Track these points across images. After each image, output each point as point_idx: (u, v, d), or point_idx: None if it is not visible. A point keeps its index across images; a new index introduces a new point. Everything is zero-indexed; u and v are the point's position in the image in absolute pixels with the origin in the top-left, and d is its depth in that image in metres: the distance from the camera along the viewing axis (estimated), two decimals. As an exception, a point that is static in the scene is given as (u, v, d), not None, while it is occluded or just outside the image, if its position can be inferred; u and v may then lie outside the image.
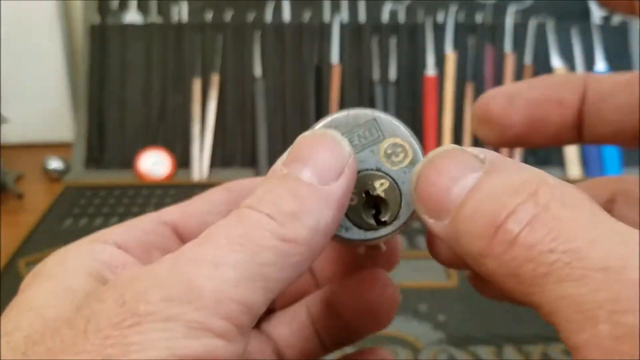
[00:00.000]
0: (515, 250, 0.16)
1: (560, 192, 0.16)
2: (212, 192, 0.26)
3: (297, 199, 0.19)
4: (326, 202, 0.19)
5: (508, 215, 0.16)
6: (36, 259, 0.70)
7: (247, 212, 0.19)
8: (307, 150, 0.20)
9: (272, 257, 0.18)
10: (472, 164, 0.18)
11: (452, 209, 0.18)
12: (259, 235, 0.18)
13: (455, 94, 0.96)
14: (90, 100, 0.97)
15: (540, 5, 1.00)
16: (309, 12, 0.99)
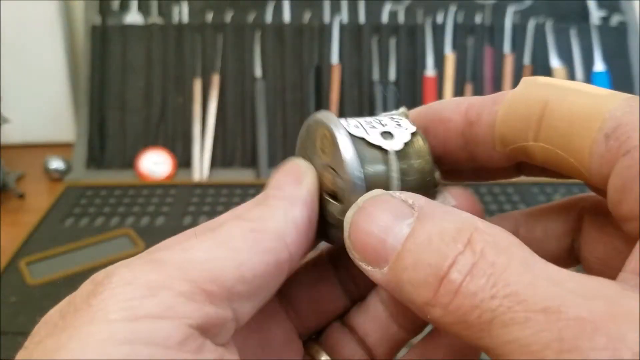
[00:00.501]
0: (460, 299, 0.17)
1: (491, 238, 0.17)
2: None
3: (263, 205, 0.21)
4: (290, 202, 0.21)
5: (450, 266, 0.17)
6: (37, 259, 0.70)
7: (219, 219, 0.21)
8: (271, 180, 0.23)
9: (242, 243, 0.19)
10: (402, 211, 0.19)
11: (390, 257, 0.18)
12: (230, 230, 0.20)
13: (455, 94, 0.97)
14: (91, 101, 0.97)
15: (539, 6, 1.00)
16: (309, 12, 0.99)
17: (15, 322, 0.59)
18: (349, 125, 0.22)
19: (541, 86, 0.21)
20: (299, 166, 0.23)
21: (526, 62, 0.98)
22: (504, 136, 0.21)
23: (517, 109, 0.21)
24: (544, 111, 0.20)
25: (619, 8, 1.01)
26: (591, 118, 0.19)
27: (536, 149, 0.20)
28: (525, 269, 0.16)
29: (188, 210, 0.81)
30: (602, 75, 0.97)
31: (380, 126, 0.23)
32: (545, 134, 0.20)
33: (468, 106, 0.23)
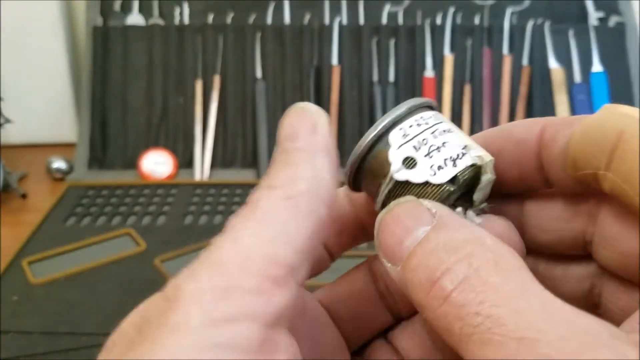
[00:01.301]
0: (447, 306, 0.17)
1: (494, 257, 0.18)
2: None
3: (288, 164, 0.21)
4: (313, 154, 0.21)
5: (443, 273, 0.18)
6: (39, 258, 0.70)
7: (254, 196, 0.21)
8: (282, 128, 0.22)
9: (284, 215, 0.19)
10: (424, 218, 0.20)
11: (404, 257, 0.20)
12: (266, 205, 0.20)
13: (454, 95, 0.97)
14: (93, 101, 0.98)
15: (537, 8, 1.00)
16: (309, 14, 0.99)
17: (17, 321, 0.60)
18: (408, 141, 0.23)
19: (621, 115, 0.20)
20: (309, 111, 0.23)
21: (524, 63, 0.98)
22: (576, 160, 0.21)
23: (592, 135, 0.21)
24: (618, 142, 0.20)
25: (617, 9, 1.01)
26: None
27: (605, 178, 0.20)
28: (517, 294, 0.17)
29: (189, 210, 0.81)
30: (600, 76, 0.98)
31: (436, 150, 0.23)
32: (615, 165, 0.20)
33: (543, 127, 0.23)
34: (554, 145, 0.22)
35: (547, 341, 0.15)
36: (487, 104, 0.97)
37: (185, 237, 0.74)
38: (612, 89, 0.98)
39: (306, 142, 0.21)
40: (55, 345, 0.57)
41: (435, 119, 0.23)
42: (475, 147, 0.23)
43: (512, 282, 0.17)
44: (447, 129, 0.23)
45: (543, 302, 0.16)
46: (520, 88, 0.97)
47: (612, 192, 0.20)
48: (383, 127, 0.24)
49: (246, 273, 0.18)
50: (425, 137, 0.23)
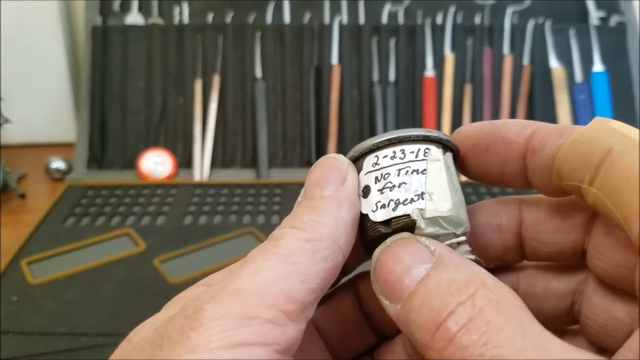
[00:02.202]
0: (453, 348, 0.18)
1: (495, 297, 0.18)
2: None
3: (313, 210, 0.22)
4: (338, 204, 0.22)
5: (448, 315, 0.18)
6: (38, 258, 0.70)
7: (277, 233, 0.22)
8: (313, 174, 0.24)
9: (303, 255, 0.21)
10: (423, 255, 0.21)
11: (404, 296, 0.20)
12: (287, 244, 0.21)
13: (454, 95, 0.97)
14: (92, 101, 0.98)
15: (538, 7, 1.00)
16: (309, 13, 0.99)
17: (17, 321, 0.60)
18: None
19: (611, 131, 0.21)
20: (340, 163, 0.24)
21: (525, 62, 0.98)
22: (561, 171, 0.22)
23: (580, 148, 0.21)
24: (605, 158, 0.20)
25: (617, 9, 1.01)
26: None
27: (588, 192, 0.21)
28: (518, 334, 0.17)
29: (188, 210, 0.81)
30: (601, 76, 0.98)
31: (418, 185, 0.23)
32: (600, 181, 0.20)
33: (533, 132, 0.23)
34: (541, 152, 0.23)
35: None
36: (487, 104, 0.97)
37: (185, 237, 0.74)
38: (612, 89, 0.98)
39: (334, 192, 0.23)
40: (55, 345, 0.57)
41: (416, 156, 0.23)
42: (439, 199, 0.22)
43: (513, 322, 0.18)
44: (421, 170, 0.23)
45: (543, 341, 0.17)
46: (521, 87, 0.97)
47: (595, 206, 0.21)
48: (360, 150, 0.24)
49: (264, 305, 0.19)
50: (389, 172, 0.23)
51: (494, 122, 0.25)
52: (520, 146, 0.23)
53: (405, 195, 0.22)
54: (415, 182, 0.23)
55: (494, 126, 0.24)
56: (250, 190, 0.87)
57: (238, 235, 0.75)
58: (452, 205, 0.22)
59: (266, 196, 0.85)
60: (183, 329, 0.19)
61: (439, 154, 0.24)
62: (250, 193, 0.86)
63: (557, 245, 0.24)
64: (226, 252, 0.72)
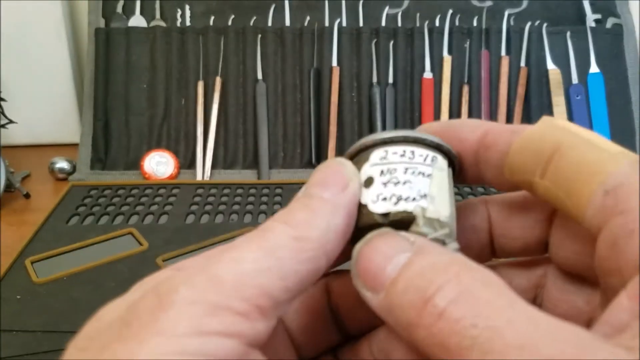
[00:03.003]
0: (442, 322, 0.18)
1: (480, 275, 0.19)
2: None
3: (308, 209, 0.22)
4: (334, 209, 0.22)
5: (436, 291, 0.19)
6: (42, 257, 0.71)
7: (267, 224, 0.22)
8: (316, 175, 0.24)
9: (287, 252, 0.21)
10: (403, 245, 0.21)
11: (386, 284, 0.20)
12: (275, 238, 0.21)
13: (452, 96, 0.98)
14: (95, 102, 0.99)
15: (535, 10, 1.01)
16: (309, 16, 1.00)
17: (21, 320, 0.60)
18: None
19: (558, 129, 0.22)
20: (346, 169, 0.24)
21: (522, 64, 0.99)
22: (513, 167, 0.23)
23: (530, 145, 0.22)
24: (554, 153, 0.21)
25: (614, 11, 1.02)
26: (595, 172, 0.20)
27: (539, 185, 0.22)
28: (507, 307, 0.18)
29: (191, 210, 0.82)
30: (597, 77, 0.98)
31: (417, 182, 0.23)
32: (551, 174, 0.21)
33: (486, 130, 0.24)
34: (493, 148, 0.24)
35: (546, 345, 0.16)
36: (485, 105, 0.98)
37: (187, 237, 0.75)
38: (608, 90, 0.98)
39: (333, 195, 0.23)
40: (58, 343, 0.56)
41: (424, 160, 0.24)
42: (440, 204, 0.23)
43: (501, 296, 0.18)
44: (427, 174, 0.23)
45: (531, 313, 0.18)
46: (518, 89, 0.98)
47: (546, 198, 0.22)
48: (372, 141, 0.25)
49: (239, 296, 0.19)
50: (395, 168, 0.24)
51: (452, 120, 0.26)
52: (473, 143, 0.25)
53: (408, 192, 0.23)
54: (420, 183, 0.23)
55: (451, 125, 0.26)
56: (251, 190, 0.88)
57: (239, 234, 0.74)
58: (450, 214, 0.23)
59: (267, 196, 0.86)
60: (154, 309, 0.19)
61: (444, 165, 0.24)
62: (251, 193, 0.87)
63: (523, 240, 0.26)
64: (227, 251, 0.72)
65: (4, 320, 0.59)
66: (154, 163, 0.94)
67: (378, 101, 0.97)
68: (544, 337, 0.17)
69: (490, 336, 0.17)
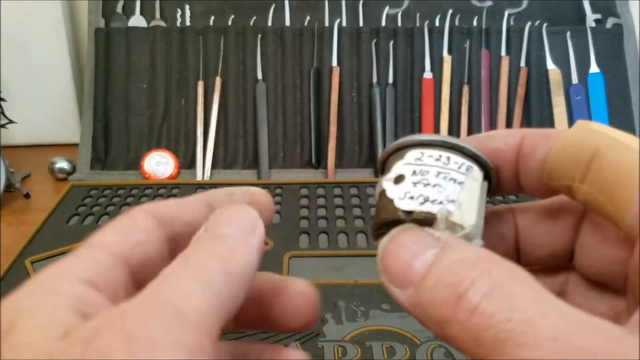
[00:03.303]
0: (477, 317, 0.18)
1: (509, 269, 0.19)
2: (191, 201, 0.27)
3: (226, 246, 0.22)
4: (250, 249, 0.22)
5: (468, 287, 0.19)
6: (42, 257, 0.71)
7: (197, 254, 0.21)
8: (224, 214, 0.23)
9: (220, 287, 0.20)
10: (429, 242, 0.21)
11: (415, 280, 0.21)
12: (209, 270, 0.20)
13: (452, 96, 0.98)
14: (95, 103, 0.99)
15: (535, 10, 1.01)
16: (309, 16, 1.00)
17: None
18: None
19: (594, 132, 0.22)
20: (251, 215, 0.23)
21: (522, 64, 0.99)
22: (552, 172, 0.23)
23: (568, 150, 0.22)
24: (593, 157, 0.21)
25: (614, 11, 1.02)
26: (635, 175, 0.20)
27: (580, 189, 0.22)
28: (538, 300, 0.18)
29: (190, 210, 0.82)
30: (597, 77, 0.99)
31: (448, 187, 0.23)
32: (591, 178, 0.22)
33: (522, 139, 0.24)
34: (532, 156, 0.24)
35: (577, 336, 0.17)
36: (485, 105, 0.98)
37: (187, 237, 0.74)
38: (608, 90, 0.99)
39: (247, 237, 0.22)
40: None
41: (458, 168, 0.24)
42: (466, 212, 0.23)
43: (531, 290, 0.19)
44: (459, 181, 0.24)
45: (562, 306, 0.18)
46: (518, 89, 0.98)
47: (586, 202, 0.22)
48: (410, 141, 0.25)
49: (202, 332, 0.19)
50: (428, 170, 0.24)
51: (486, 132, 0.26)
52: (510, 153, 0.25)
53: (436, 195, 0.23)
54: (450, 188, 0.23)
55: (480, 140, 0.26)
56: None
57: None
58: (475, 224, 0.23)
59: (266, 196, 0.86)
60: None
61: (479, 176, 0.24)
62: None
63: (550, 248, 0.26)
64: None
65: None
66: (154, 163, 0.94)
67: (378, 101, 0.97)
68: (575, 329, 0.17)
69: (524, 329, 0.17)
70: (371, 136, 0.97)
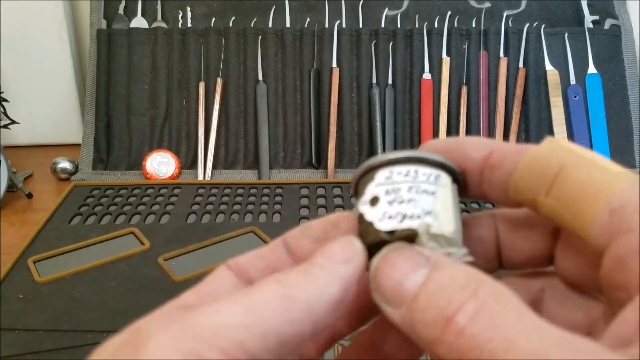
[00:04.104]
0: (463, 338, 0.19)
1: (494, 290, 0.20)
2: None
3: (305, 273, 0.22)
4: (332, 278, 0.22)
5: (456, 310, 0.20)
6: (45, 257, 0.71)
7: (261, 281, 0.22)
8: (324, 247, 0.23)
9: (272, 311, 0.20)
10: (419, 261, 0.22)
11: (406, 299, 0.21)
12: (263, 294, 0.21)
13: (451, 97, 0.99)
14: (97, 103, 0.99)
15: (533, 11, 1.02)
16: (309, 17, 1.01)
17: (23, 319, 0.60)
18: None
19: (562, 149, 0.23)
20: (353, 245, 0.23)
21: (520, 65, 0.99)
22: (518, 186, 0.24)
23: (536, 165, 0.23)
24: (559, 173, 0.22)
25: (611, 12, 1.02)
26: (600, 191, 0.21)
27: (544, 204, 0.23)
28: (520, 319, 0.19)
29: (192, 210, 0.82)
30: (595, 78, 0.99)
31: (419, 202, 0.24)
32: (555, 193, 0.22)
33: (493, 150, 0.25)
34: (500, 167, 0.25)
35: (557, 354, 0.17)
36: (483, 106, 0.98)
37: (188, 236, 0.75)
38: (606, 91, 0.99)
39: (333, 266, 0.22)
40: (60, 342, 0.57)
41: (427, 179, 0.25)
42: (444, 220, 0.24)
43: (514, 310, 0.19)
44: (431, 191, 0.24)
45: (541, 325, 0.19)
46: (516, 90, 0.99)
47: (550, 216, 0.23)
48: (378, 162, 0.25)
49: (213, 346, 0.19)
50: (400, 187, 0.24)
51: (457, 138, 0.27)
52: (478, 162, 0.25)
53: (413, 210, 0.23)
54: (424, 201, 0.24)
55: (457, 142, 0.26)
56: (252, 190, 0.88)
57: (240, 234, 0.76)
58: (455, 229, 0.24)
59: (267, 196, 0.87)
60: (129, 355, 0.19)
61: (448, 182, 0.25)
62: (252, 193, 0.87)
63: (529, 252, 0.26)
64: (229, 250, 0.73)
65: (6, 319, 0.60)
66: (156, 163, 0.95)
67: (377, 102, 0.98)
68: (554, 346, 0.18)
69: (505, 347, 0.18)
70: (371, 137, 0.97)
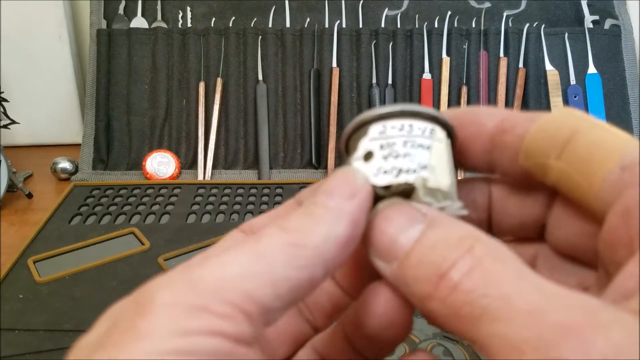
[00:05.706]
0: (457, 294, 0.19)
1: (490, 247, 0.20)
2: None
3: (309, 216, 0.21)
4: (338, 217, 0.21)
5: (450, 266, 0.19)
6: (45, 257, 0.71)
7: (264, 229, 0.21)
8: (324, 183, 0.23)
9: (280, 258, 0.20)
10: (415, 217, 0.22)
11: (399, 255, 0.21)
12: (269, 243, 0.20)
13: (451, 97, 0.99)
14: (97, 103, 0.99)
15: (533, 11, 1.02)
16: (309, 17, 1.01)
17: (23, 319, 0.60)
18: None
19: (575, 116, 0.23)
20: (355, 177, 0.23)
21: (520, 65, 0.99)
22: (530, 149, 0.23)
23: (548, 128, 0.23)
24: (572, 136, 0.22)
25: (611, 13, 1.02)
26: (612, 151, 0.21)
27: (554, 167, 0.23)
28: (517, 277, 0.19)
29: (192, 210, 0.82)
30: (595, 78, 0.99)
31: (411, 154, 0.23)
32: (567, 155, 0.22)
33: (505, 116, 0.25)
34: (512, 132, 0.24)
35: (554, 311, 0.17)
36: (483, 105, 0.98)
37: (188, 236, 0.75)
38: (606, 91, 0.99)
39: (338, 203, 0.22)
40: (61, 342, 0.57)
41: (422, 133, 0.24)
42: (440, 174, 0.23)
43: (510, 268, 0.19)
44: (426, 145, 0.24)
45: (539, 282, 0.18)
46: (516, 90, 0.99)
47: (559, 180, 0.23)
48: (370, 117, 0.25)
49: (220, 300, 0.19)
50: (394, 141, 0.24)
51: (470, 107, 0.27)
52: (490, 128, 0.25)
53: (409, 165, 0.23)
54: (420, 155, 0.23)
55: (470, 110, 0.26)
56: (252, 190, 0.88)
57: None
58: (451, 183, 0.23)
59: (267, 196, 0.87)
60: (131, 314, 0.19)
61: (443, 136, 0.25)
62: (252, 193, 0.87)
63: (520, 218, 0.26)
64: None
65: (7, 319, 0.60)
66: (156, 163, 0.95)
67: (377, 102, 0.98)
68: (551, 304, 0.17)
69: (499, 305, 0.18)
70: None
